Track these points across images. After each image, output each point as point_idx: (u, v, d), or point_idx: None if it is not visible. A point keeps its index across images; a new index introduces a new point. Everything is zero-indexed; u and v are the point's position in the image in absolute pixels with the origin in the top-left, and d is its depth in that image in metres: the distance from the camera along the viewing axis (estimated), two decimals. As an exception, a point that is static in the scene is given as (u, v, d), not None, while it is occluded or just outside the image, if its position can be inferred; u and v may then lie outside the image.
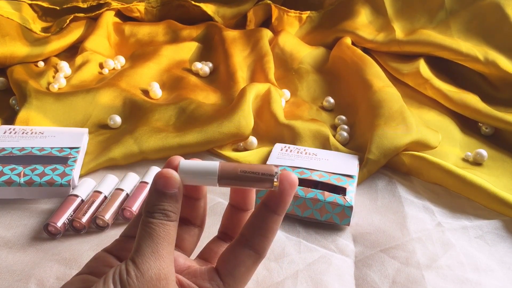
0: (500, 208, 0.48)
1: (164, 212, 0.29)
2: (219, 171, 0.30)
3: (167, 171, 0.30)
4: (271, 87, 0.64)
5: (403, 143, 0.54)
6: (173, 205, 0.29)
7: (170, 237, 0.29)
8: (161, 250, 0.28)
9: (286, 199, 0.31)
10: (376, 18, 0.80)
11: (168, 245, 0.29)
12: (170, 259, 0.29)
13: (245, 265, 0.31)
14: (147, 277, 0.27)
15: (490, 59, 0.68)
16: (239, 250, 0.31)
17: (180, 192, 0.30)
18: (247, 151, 0.57)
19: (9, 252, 0.41)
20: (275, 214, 0.31)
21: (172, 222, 0.29)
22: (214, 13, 0.86)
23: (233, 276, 0.31)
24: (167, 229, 0.29)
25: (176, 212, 0.30)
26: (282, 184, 0.30)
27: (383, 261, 0.42)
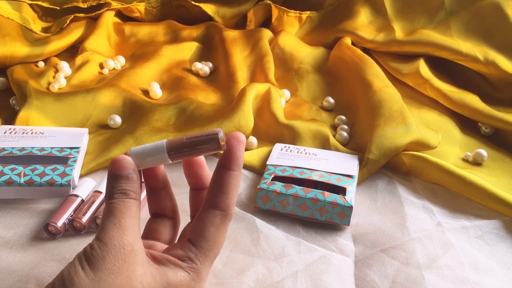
0: (500, 208, 0.48)
1: (122, 191, 0.30)
2: (167, 145, 0.31)
3: (119, 156, 0.31)
4: (271, 87, 0.64)
5: (403, 143, 0.54)
6: (130, 184, 0.30)
7: (132, 211, 0.30)
8: (123, 222, 0.29)
9: (236, 154, 0.32)
10: (376, 18, 0.80)
11: (130, 218, 0.29)
12: (133, 230, 0.29)
13: (214, 224, 0.31)
14: (110, 245, 0.27)
15: (490, 59, 0.68)
16: (205, 213, 0.32)
17: (135, 174, 0.31)
18: (247, 151, 0.57)
19: (9, 252, 0.41)
20: (230, 170, 0.32)
21: (131, 199, 0.30)
22: (214, 13, 0.86)
23: (203, 237, 0.31)
24: (127, 204, 0.30)
25: (134, 190, 0.31)
26: (229, 141, 0.32)
27: (383, 261, 0.42)
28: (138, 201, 0.31)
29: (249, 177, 0.53)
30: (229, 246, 0.43)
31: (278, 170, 0.50)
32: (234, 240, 0.44)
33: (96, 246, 0.28)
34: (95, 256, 0.27)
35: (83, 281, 0.26)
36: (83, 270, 0.27)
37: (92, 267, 0.27)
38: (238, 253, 0.42)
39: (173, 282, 0.29)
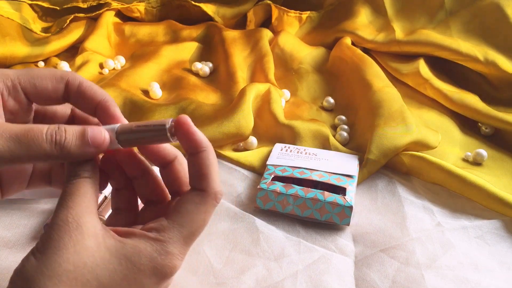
0: (500, 208, 0.48)
1: (73, 174, 0.29)
2: (118, 129, 0.30)
3: None
4: (271, 87, 0.64)
5: (403, 143, 0.54)
6: (80, 165, 0.30)
7: (80, 190, 0.29)
8: (69, 202, 0.28)
9: (191, 137, 0.30)
10: (376, 18, 0.80)
11: (77, 197, 0.28)
12: (80, 207, 0.28)
13: (192, 202, 0.30)
14: (54, 224, 0.27)
15: (490, 59, 0.68)
16: (184, 195, 0.30)
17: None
18: (247, 151, 0.57)
19: (9, 252, 0.41)
20: (196, 153, 0.30)
21: (81, 178, 0.29)
22: (214, 13, 0.86)
23: (178, 212, 0.29)
24: (76, 185, 0.29)
25: (86, 169, 0.29)
26: (179, 129, 0.30)
27: (383, 261, 0.42)
28: (90, 179, 0.29)
29: (249, 177, 0.53)
30: (229, 246, 0.43)
31: (278, 170, 0.50)
32: (234, 240, 0.44)
33: (44, 231, 0.28)
34: (41, 239, 0.27)
35: (31, 264, 0.26)
36: (32, 255, 0.27)
37: (39, 249, 0.27)
38: (238, 253, 0.42)
39: (131, 252, 0.28)
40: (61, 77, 0.31)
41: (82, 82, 0.31)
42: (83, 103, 0.32)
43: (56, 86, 0.31)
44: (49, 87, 0.31)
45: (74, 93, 0.31)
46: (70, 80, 0.31)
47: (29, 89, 0.31)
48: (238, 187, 0.51)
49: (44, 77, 0.31)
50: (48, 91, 0.31)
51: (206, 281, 0.39)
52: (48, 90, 0.31)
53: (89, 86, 0.31)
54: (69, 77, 0.31)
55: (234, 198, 0.50)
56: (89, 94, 0.31)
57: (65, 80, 0.31)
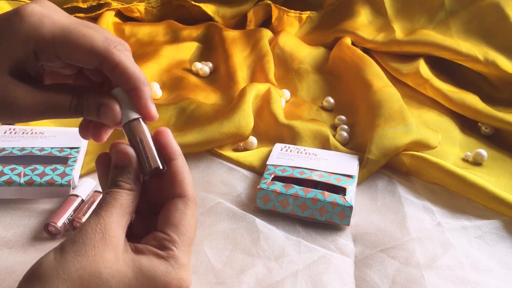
0: (500, 208, 0.48)
1: (115, 183, 0.31)
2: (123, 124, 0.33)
3: (118, 147, 0.32)
4: (271, 87, 0.64)
5: (403, 143, 0.54)
6: (124, 176, 0.31)
7: (118, 202, 0.30)
8: (104, 211, 0.29)
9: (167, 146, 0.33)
10: (376, 18, 0.80)
11: (114, 208, 0.30)
12: (110, 219, 0.29)
13: (178, 209, 0.31)
14: (83, 231, 0.28)
15: (490, 59, 0.68)
16: (167, 204, 0.32)
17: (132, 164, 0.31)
18: (247, 151, 0.57)
19: (10, 252, 0.41)
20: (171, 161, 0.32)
21: (122, 189, 0.31)
22: (214, 13, 0.86)
23: (172, 224, 0.31)
24: (115, 195, 0.30)
25: (128, 182, 0.31)
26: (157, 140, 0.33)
27: (383, 261, 0.42)
28: (133, 192, 0.31)
29: (249, 177, 0.53)
30: (229, 246, 0.43)
31: (278, 170, 0.50)
32: (234, 240, 0.44)
33: (72, 234, 0.29)
34: (67, 241, 0.28)
35: (49, 261, 0.27)
36: (54, 253, 0.28)
37: (62, 249, 0.28)
38: (238, 253, 0.42)
39: (147, 268, 0.29)
40: (97, 54, 0.30)
41: (118, 65, 0.31)
42: (115, 82, 0.32)
43: (90, 61, 0.31)
44: (83, 61, 0.31)
45: (108, 71, 0.31)
46: (107, 60, 0.31)
47: (63, 56, 0.30)
48: (238, 187, 0.51)
49: (80, 48, 0.30)
50: (82, 63, 0.31)
51: (206, 280, 0.39)
52: (81, 62, 0.31)
53: (124, 70, 0.31)
54: (107, 56, 0.31)
55: (234, 198, 0.50)
56: (124, 79, 0.31)
57: (100, 58, 0.31)
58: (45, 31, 0.29)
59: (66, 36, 0.30)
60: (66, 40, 0.30)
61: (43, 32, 0.29)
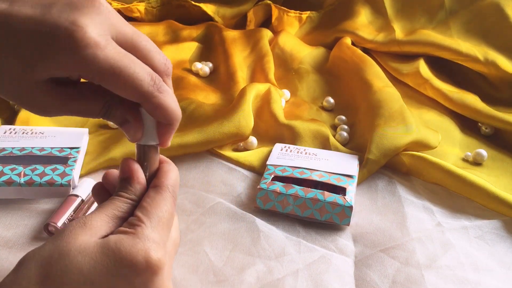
0: (500, 208, 0.48)
1: (117, 193, 0.32)
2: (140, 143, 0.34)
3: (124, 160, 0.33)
4: (271, 87, 0.64)
5: (403, 143, 0.54)
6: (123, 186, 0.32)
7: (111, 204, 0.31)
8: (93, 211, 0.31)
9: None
10: (376, 18, 0.80)
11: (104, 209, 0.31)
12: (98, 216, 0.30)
13: (149, 196, 0.32)
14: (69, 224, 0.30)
15: (490, 59, 0.68)
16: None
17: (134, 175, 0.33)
18: (247, 151, 0.57)
19: (10, 252, 0.41)
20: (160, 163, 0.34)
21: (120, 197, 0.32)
22: (214, 13, 0.86)
23: (141, 207, 0.31)
24: (111, 200, 0.32)
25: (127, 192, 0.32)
26: None
27: (383, 261, 0.42)
28: (130, 200, 0.32)
29: (249, 177, 0.53)
30: (229, 246, 0.43)
31: (278, 170, 0.50)
32: (234, 240, 0.44)
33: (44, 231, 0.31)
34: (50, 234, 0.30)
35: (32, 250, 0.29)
36: None
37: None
38: (238, 253, 0.42)
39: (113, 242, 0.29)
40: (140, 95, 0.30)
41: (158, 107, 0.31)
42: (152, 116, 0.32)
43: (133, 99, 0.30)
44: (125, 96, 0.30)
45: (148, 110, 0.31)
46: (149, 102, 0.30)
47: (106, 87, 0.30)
48: (238, 187, 0.51)
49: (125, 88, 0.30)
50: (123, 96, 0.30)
51: (207, 279, 0.39)
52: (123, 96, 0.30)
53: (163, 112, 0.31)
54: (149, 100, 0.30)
55: (234, 198, 0.50)
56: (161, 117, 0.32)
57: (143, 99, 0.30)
58: (94, 67, 0.28)
59: (114, 73, 0.29)
60: (113, 78, 0.29)
61: (92, 67, 0.28)
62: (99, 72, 0.29)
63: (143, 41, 0.31)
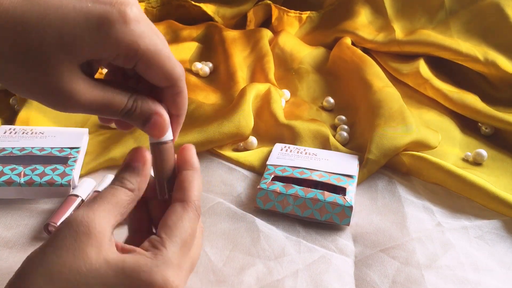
0: (500, 208, 0.48)
1: (119, 179, 0.30)
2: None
3: (138, 148, 0.32)
4: (271, 87, 0.64)
5: (403, 143, 0.54)
6: (131, 176, 0.31)
7: (115, 198, 0.29)
8: (96, 205, 0.28)
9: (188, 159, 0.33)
10: (376, 18, 0.80)
11: (108, 204, 0.29)
12: (103, 214, 0.28)
13: (175, 213, 0.31)
14: (67, 222, 0.27)
15: (490, 59, 0.68)
16: (166, 208, 0.32)
17: (143, 168, 0.31)
18: (247, 151, 0.57)
19: (10, 252, 0.41)
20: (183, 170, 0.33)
21: (123, 188, 0.30)
22: (214, 13, 0.86)
23: (166, 225, 0.30)
24: (113, 191, 0.30)
25: (133, 182, 0.30)
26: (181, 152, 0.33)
27: (383, 261, 0.42)
28: (133, 193, 0.30)
29: (249, 177, 0.53)
30: (229, 246, 0.43)
31: (278, 170, 0.50)
32: (234, 240, 0.44)
33: (57, 226, 0.28)
34: (51, 235, 0.27)
35: (30, 256, 0.27)
36: (38, 248, 0.27)
37: (44, 244, 0.27)
38: (238, 253, 0.42)
39: (129, 266, 0.27)
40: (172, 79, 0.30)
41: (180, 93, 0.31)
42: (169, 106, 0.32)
43: (162, 82, 0.30)
44: (156, 79, 0.30)
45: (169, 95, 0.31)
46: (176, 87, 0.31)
47: (141, 69, 0.30)
48: (238, 187, 0.51)
49: (163, 70, 0.30)
50: (153, 80, 0.30)
51: (207, 279, 0.39)
52: (153, 79, 0.30)
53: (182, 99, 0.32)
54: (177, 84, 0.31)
55: (234, 198, 0.50)
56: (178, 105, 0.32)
57: (172, 83, 0.31)
58: (142, 43, 0.28)
59: (157, 54, 0.29)
60: (154, 59, 0.29)
61: (139, 44, 0.28)
62: (146, 48, 0.28)
63: None
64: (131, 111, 0.30)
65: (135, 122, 0.31)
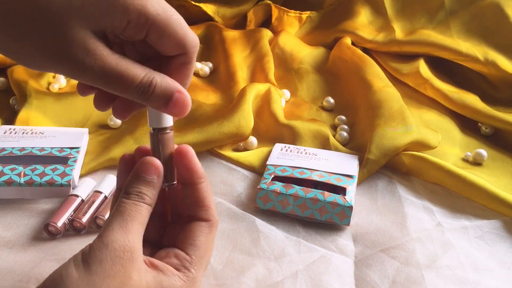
0: (500, 208, 0.48)
1: (139, 194, 0.30)
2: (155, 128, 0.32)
3: (151, 159, 0.31)
4: (271, 87, 0.64)
5: (403, 143, 0.54)
6: (149, 190, 0.31)
7: (141, 217, 0.30)
8: (130, 225, 0.29)
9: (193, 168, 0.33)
10: (376, 18, 0.80)
11: (138, 224, 0.29)
12: (138, 236, 0.29)
13: (203, 233, 0.32)
14: (111, 248, 0.27)
15: (490, 59, 0.68)
16: (191, 225, 0.33)
17: (158, 180, 0.31)
18: (247, 151, 0.57)
19: (10, 252, 0.41)
20: (197, 184, 0.33)
21: (145, 204, 0.30)
22: (214, 13, 0.86)
23: (196, 247, 0.32)
24: (139, 209, 0.30)
25: (151, 196, 0.31)
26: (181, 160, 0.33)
27: (383, 261, 0.42)
28: (151, 208, 0.31)
29: (249, 177, 0.53)
30: (229, 246, 0.43)
31: (278, 170, 0.50)
32: (234, 240, 0.44)
33: (96, 248, 0.27)
34: (92, 258, 0.27)
35: (73, 278, 0.26)
36: (77, 271, 0.27)
37: (88, 268, 0.27)
38: (238, 253, 0.42)
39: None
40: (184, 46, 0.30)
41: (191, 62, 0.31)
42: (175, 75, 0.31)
43: (173, 50, 0.30)
44: (168, 47, 0.30)
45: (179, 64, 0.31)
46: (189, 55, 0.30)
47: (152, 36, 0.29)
48: (238, 187, 0.51)
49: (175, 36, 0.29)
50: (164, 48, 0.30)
51: (207, 282, 0.39)
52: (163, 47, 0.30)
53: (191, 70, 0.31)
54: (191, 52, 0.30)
55: (234, 198, 0.50)
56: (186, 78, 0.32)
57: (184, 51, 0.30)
58: (151, 8, 0.28)
59: (167, 19, 0.28)
60: (165, 24, 0.28)
61: (149, 7, 0.27)
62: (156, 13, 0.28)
63: None
64: (148, 90, 0.29)
65: (155, 102, 0.29)
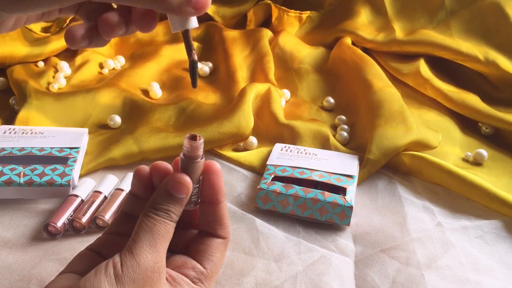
0: (500, 208, 0.48)
1: (168, 213, 0.31)
2: None
3: (182, 177, 0.32)
4: (271, 87, 0.64)
5: (403, 143, 0.54)
6: (177, 208, 0.32)
7: (169, 235, 0.31)
8: (159, 245, 0.30)
9: (219, 186, 0.34)
10: (376, 18, 0.80)
11: (165, 242, 0.30)
12: (164, 255, 0.30)
13: (219, 250, 0.34)
14: (143, 268, 0.28)
15: (490, 59, 0.68)
16: (209, 240, 0.34)
17: (187, 198, 0.32)
18: (247, 151, 0.57)
19: (9, 252, 0.41)
20: (219, 203, 0.34)
21: (173, 222, 0.31)
22: (214, 13, 0.86)
23: (212, 262, 0.34)
24: (167, 228, 0.31)
25: (178, 215, 0.32)
26: (209, 177, 0.33)
27: (383, 261, 0.42)
28: (175, 224, 0.32)
29: (249, 177, 0.53)
30: (229, 247, 0.43)
31: (278, 170, 0.50)
32: (234, 240, 0.44)
33: (129, 264, 0.28)
34: (126, 275, 0.28)
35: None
36: (109, 284, 0.28)
37: (121, 286, 0.28)
38: (238, 254, 0.42)
39: None
40: None
41: None
42: None
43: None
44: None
45: None
46: None
47: None
48: (238, 187, 0.51)
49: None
50: None
51: None
52: None
53: None
54: None
55: (234, 198, 0.50)
56: None
57: None
58: None
59: None
60: None
61: None
62: None
63: None
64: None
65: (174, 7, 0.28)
